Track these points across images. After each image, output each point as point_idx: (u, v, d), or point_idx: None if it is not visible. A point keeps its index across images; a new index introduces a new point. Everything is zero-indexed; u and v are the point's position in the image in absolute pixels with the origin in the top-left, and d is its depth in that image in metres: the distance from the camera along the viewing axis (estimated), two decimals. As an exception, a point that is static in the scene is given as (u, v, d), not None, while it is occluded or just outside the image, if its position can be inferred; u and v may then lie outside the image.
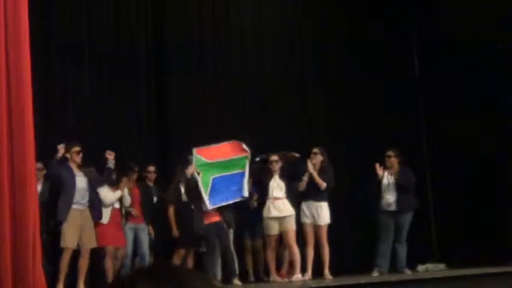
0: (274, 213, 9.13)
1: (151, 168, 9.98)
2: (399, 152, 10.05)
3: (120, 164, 9.27)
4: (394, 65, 13.00)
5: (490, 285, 7.43)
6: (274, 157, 9.30)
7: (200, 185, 8.93)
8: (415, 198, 10.08)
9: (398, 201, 9.83)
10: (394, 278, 8.79)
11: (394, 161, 9.90)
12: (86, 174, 8.69)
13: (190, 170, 9.14)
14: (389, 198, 9.88)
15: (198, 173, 9.04)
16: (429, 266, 10.42)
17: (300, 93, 12.40)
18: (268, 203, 9.20)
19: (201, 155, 9.10)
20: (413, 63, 13.63)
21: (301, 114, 12.31)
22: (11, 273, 5.98)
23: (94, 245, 8.55)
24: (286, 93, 12.24)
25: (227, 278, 9.14)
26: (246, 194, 9.22)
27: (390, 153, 9.95)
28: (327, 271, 9.26)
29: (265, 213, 9.23)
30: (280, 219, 9.13)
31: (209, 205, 8.92)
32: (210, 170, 9.06)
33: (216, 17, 11.99)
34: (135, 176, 9.52)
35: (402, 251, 9.85)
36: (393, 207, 9.84)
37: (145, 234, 9.47)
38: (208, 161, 9.12)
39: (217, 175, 9.06)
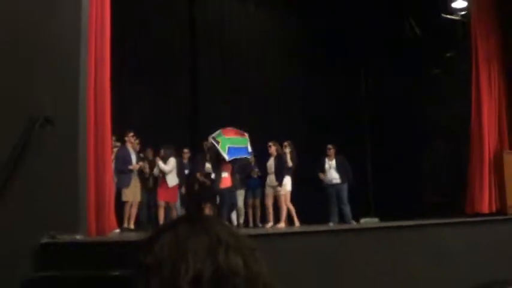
0: (268, 183, 10.07)
1: (186, 150, 10.69)
2: (336, 145, 10.94)
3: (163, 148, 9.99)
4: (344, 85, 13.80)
5: (409, 233, 7.51)
6: (271, 143, 10.14)
7: (219, 147, 9.74)
8: (349, 175, 10.87)
9: (337, 177, 10.75)
10: (344, 227, 9.16)
11: (332, 151, 10.87)
12: (136, 153, 9.40)
13: (210, 139, 9.96)
14: (331, 176, 10.78)
15: (218, 142, 9.83)
16: (368, 219, 10.90)
17: (286, 102, 13.15)
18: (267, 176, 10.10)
19: (222, 133, 9.97)
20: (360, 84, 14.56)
21: (288, 117, 13.08)
22: (95, 214, 6.25)
23: (139, 199, 9.33)
24: (277, 100, 13.02)
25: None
26: (250, 150, 10.05)
27: (330, 146, 10.91)
28: (296, 222, 10.08)
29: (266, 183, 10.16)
30: (273, 187, 10.01)
31: (227, 158, 9.76)
32: (226, 142, 9.85)
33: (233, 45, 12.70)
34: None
35: (346, 210, 10.66)
36: (334, 182, 10.74)
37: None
38: (226, 137, 9.92)
39: (231, 145, 9.84)
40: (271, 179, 10.07)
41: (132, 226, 9.10)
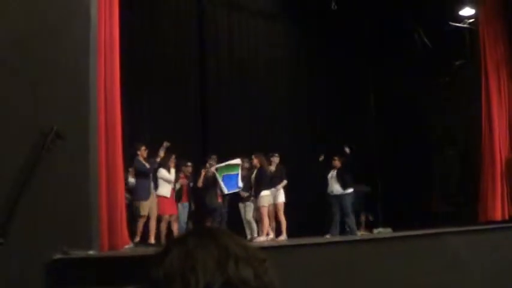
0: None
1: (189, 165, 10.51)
2: (341, 157, 10.74)
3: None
4: (353, 93, 13.76)
5: (424, 242, 7.43)
6: (253, 156, 9.95)
7: (220, 180, 9.86)
8: (352, 186, 10.60)
9: (339, 188, 10.51)
10: (358, 237, 9.23)
11: (337, 163, 10.64)
12: (150, 165, 9.23)
13: (212, 169, 9.95)
14: (333, 186, 10.57)
15: (217, 170, 9.90)
16: (381, 230, 10.95)
17: (294, 115, 13.09)
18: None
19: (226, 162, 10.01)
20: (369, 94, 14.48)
21: (297, 130, 13.02)
22: (107, 230, 6.17)
23: (156, 213, 9.12)
24: (279, 112, 12.97)
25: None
26: (240, 185, 10.00)
27: (335, 158, 10.69)
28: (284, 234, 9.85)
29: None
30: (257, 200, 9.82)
31: (226, 191, 9.87)
32: (223, 171, 9.97)
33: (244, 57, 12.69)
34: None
35: (350, 221, 10.32)
36: (336, 192, 10.52)
37: (185, 209, 10.12)
38: (224, 165, 10.02)
39: (225, 173, 9.93)
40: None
41: (152, 240, 8.94)
